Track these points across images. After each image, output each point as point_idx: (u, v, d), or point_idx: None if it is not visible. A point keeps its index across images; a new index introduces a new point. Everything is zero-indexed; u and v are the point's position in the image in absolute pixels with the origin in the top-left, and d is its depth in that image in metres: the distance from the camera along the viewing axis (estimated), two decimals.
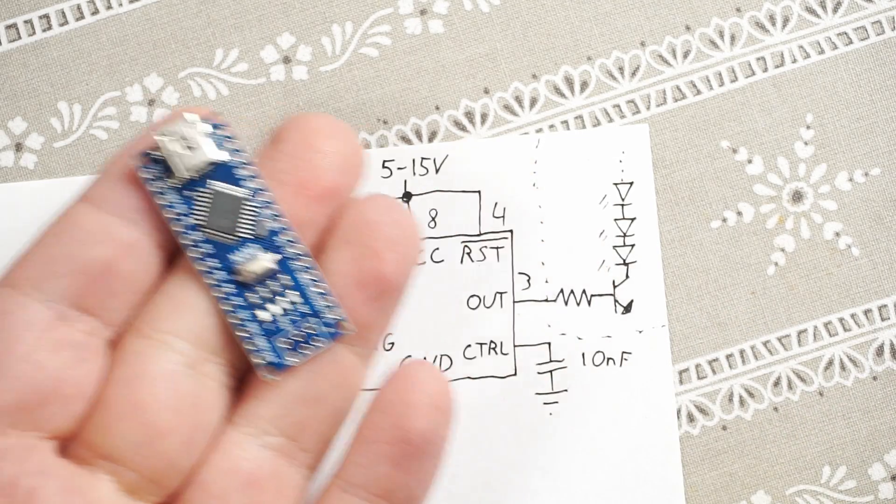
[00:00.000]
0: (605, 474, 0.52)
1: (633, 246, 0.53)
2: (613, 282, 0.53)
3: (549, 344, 0.53)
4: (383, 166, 0.53)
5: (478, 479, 0.52)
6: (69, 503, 0.39)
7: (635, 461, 0.52)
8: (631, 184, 0.53)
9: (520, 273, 0.53)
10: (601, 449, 0.52)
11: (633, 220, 0.53)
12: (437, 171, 0.53)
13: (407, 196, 0.53)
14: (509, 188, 0.53)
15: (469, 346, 0.53)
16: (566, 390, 0.53)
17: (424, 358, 0.53)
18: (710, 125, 0.54)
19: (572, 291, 0.53)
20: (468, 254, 0.53)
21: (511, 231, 0.53)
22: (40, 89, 0.54)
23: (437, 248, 0.53)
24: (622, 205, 0.53)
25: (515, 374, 0.53)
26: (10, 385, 0.39)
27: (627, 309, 0.53)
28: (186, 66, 0.54)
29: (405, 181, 0.53)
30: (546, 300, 0.53)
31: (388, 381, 0.43)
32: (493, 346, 0.53)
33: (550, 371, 0.53)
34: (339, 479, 0.43)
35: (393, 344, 0.53)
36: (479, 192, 0.53)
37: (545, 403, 0.52)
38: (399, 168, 0.53)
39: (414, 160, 0.53)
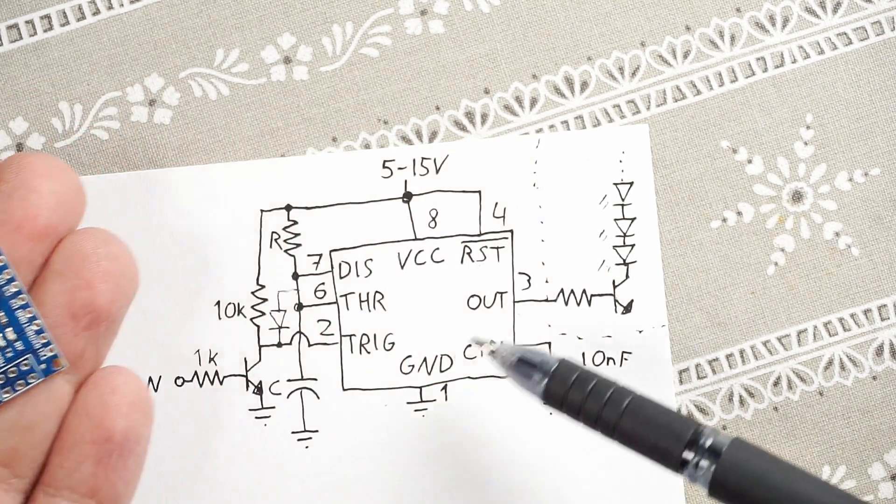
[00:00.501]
0: (605, 474, 0.52)
1: (633, 246, 0.53)
2: (613, 282, 0.53)
3: (550, 344, 0.53)
4: (384, 166, 0.53)
5: (478, 479, 0.52)
6: None
7: (635, 461, 0.52)
8: (631, 184, 0.53)
9: (520, 273, 0.53)
10: (601, 449, 0.52)
11: (633, 220, 0.53)
12: (437, 171, 0.53)
13: (407, 196, 0.53)
14: (509, 188, 0.53)
15: (469, 345, 0.53)
16: None
17: (424, 359, 0.53)
18: (709, 125, 0.54)
19: (572, 291, 0.53)
20: (468, 254, 0.53)
21: (511, 231, 0.53)
22: (41, 89, 0.54)
23: (438, 249, 0.53)
24: (622, 205, 0.53)
25: None
26: None
27: (627, 309, 0.53)
28: (187, 66, 0.54)
29: (405, 181, 0.53)
30: (546, 300, 0.53)
31: (86, 386, 0.46)
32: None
33: None
34: (43, 485, 0.46)
35: (393, 344, 0.53)
36: (479, 192, 0.53)
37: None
38: (399, 168, 0.53)
39: (414, 160, 0.53)
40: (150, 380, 0.52)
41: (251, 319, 0.53)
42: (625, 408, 0.44)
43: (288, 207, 0.53)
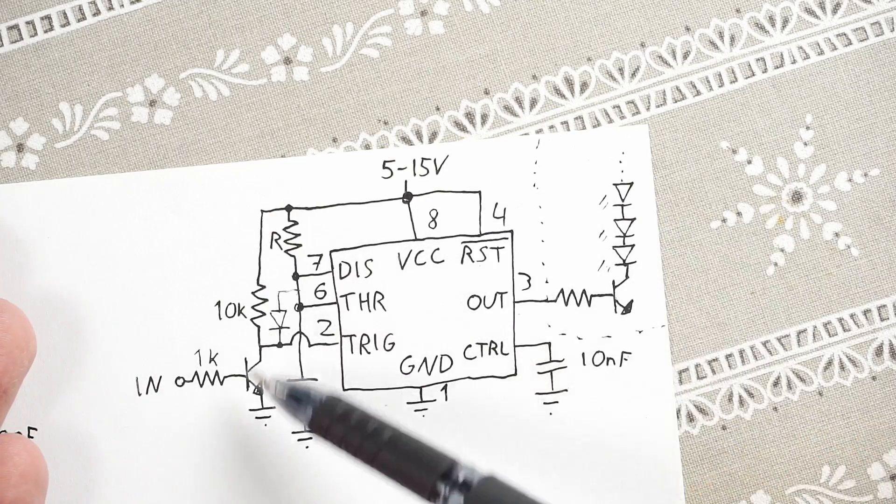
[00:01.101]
0: (605, 474, 0.52)
1: (632, 246, 0.53)
2: (613, 282, 0.53)
3: (549, 344, 0.53)
4: (384, 167, 0.53)
5: None
6: None
7: (635, 461, 0.52)
8: (631, 184, 0.53)
9: (520, 273, 0.53)
10: (601, 449, 0.52)
11: (632, 220, 0.53)
12: (437, 171, 0.53)
13: (407, 196, 0.53)
14: (509, 189, 0.53)
15: (469, 346, 0.53)
16: (566, 390, 0.53)
17: (424, 359, 0.53)
18: (709, 126, 0.54)
19: (572, 291, 0.53)
20: (468, 254, 0.53)
21: (511, 231, 0.53)
22: (42, 90, 0.54)
23: (438, 249, 0.53)
24: (622, 205, 0.53)
25: (515, 374, 0.53)
26: None
27: (627, 309, 0.53)
28: (187, 66, 0.54)
29: (406, 181, 0.53)
30: (546, 300, 0.53)
31: None
32: (493, 346, 0.53)
33: (550, 371, 0.53)
34: None
35: (393, 344, 0.53)
36: (479, 192, 0.53)
37: (545, 403, 0.53)
38: (400, 168, 0.53)
39: (414, 161, 0.53)
40: (151, 380, 0.52)
41: (251, 320, 0.53)
42: (385, 441, 0.47)
43: (288, 208, 0.53)
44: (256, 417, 0.53)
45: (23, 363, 0.48)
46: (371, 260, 0.53)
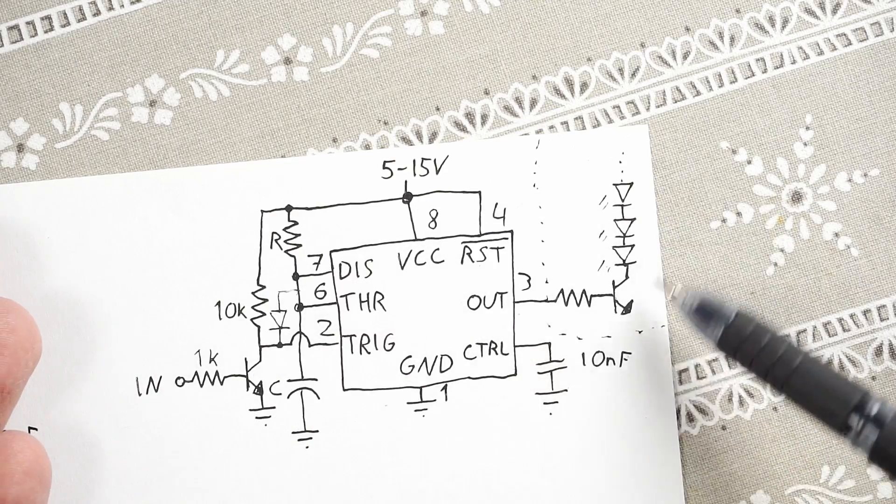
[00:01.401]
0: (605, 474, 0.52)
1: (632, 246, 0.53)
2: (613, 282, 0.53)
3: (549, 344, 0.53)
4: (384, 167, 0.53)
5: (478, 479, 0.52)
6: None
7: (635, 461, 0.52)
8: (631, 184, 0.53)
9: (520, 273, 0.53)
10: (601, 449, 0.52)
11: (632, 220, 0.53)
12: (437, 171, 0.53)
13: (407, 196, 0.53)
14: (509, 189, 0.53)
15: (469, 346, 0.53)
16: (566, 390, 0.53)
17: (424, 359, 0.53)
18: (709, 126, 0.54)
19: (572, 292, 0.53)
20: (468, 254, 0.53)
21: (511, 231, 0.53)
22: (42, 90, 0.54)
23: (438, 249, 0.53)
24: (622, 205, 0.53)
25: (515, 374, 0.53)
26: None
27: (627, 309, 0.53)
28: (188, 67, 0.54)
29: (406, 182, 0.53)
30: (546, 300, 0.53)
31: None
32: (493, 346, 0.53)
33: (550, 371, 0.53)
34: None
35: (393, 344, 0.53)
36: (479, 192, 0.53)
37: (545, 403, 0.53)
38: (400, 169, 0.53)
39: (414, 161, 0.53)
40: (151, 380, 0.52)
41: (251, 320, 0.53)
42: (796, 367, 0.46)
43: (288, 208, 0.53)
44: (257, 417, 0.53)
45: (27, 364, 0.49)
46: (371, 260, 0.53)
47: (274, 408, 0.53)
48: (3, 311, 0.48)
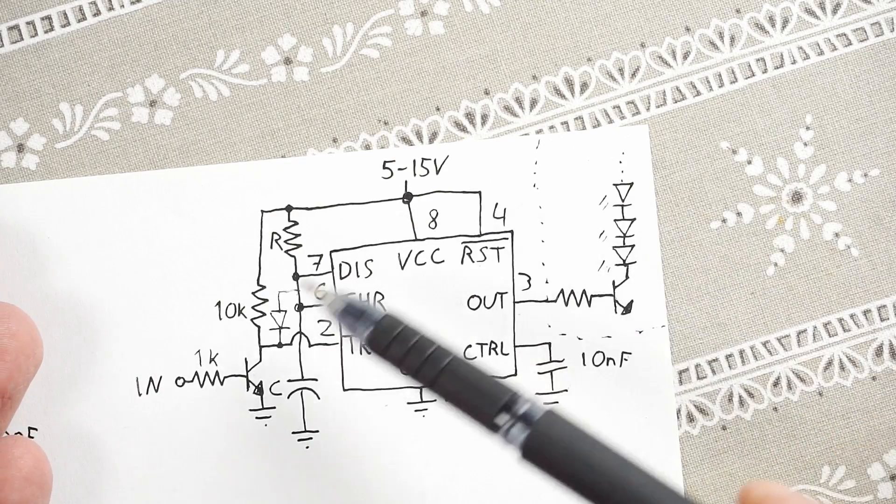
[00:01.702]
0: None
1: (632, 246, 0.53)
2: (613, 282, 0.53)
3: (550, 344, 0.53)
4: (384, 167, 0.53)
5: (478, 479, 0.52)
6: None
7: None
8: (631, 184, 0.53)
9: (520, 273, 0.53)
10: None
11: (632, 220, 0.53)
12: (437, 171, 0.53)
13: (407, 197, 0.53)
14: (510, 189, 0.53)
15: (469, 346, 0.53)
16: (566, 390, 0.53)
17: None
18: (709, 126, 0.54)
19: (572, 292, 0.53)
20: (469, 254, 0.53)
21: (511, 232, 0.53)
22: (42, 90, 0.54)
23: (438, 249, 0.53)
24: (622, 205, 0.53)
25: (515, 374, 0.53)
26: None
27: (627, 309, 0.53)
28: (188, 67, 0.54)
29: (406, 182, 0.53)
30: (546, 300, 0.53)
31: None
32: (493, 346, 0.53)
33: (550, 371, 0.53)
34: None
35: None
36: (479, 192, 0.53)
37: (545, 403, 0.53)
38: (400, 169, 0.53)
39: (415, 161, 0.53)
40: (151, 380, 0.52)
41: (252, 320, 0.53)
42: (444, 367, 0.46)
43: (288, 208, 0.53)
44: (257, 418, 0.53)
45: (28, 370, 0.48)
46: (371, 260, 0.53)
47: (274, 408, 0.53)
48: (5, 316, 0.48)
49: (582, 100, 0.54)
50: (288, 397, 0.53)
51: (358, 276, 0.53)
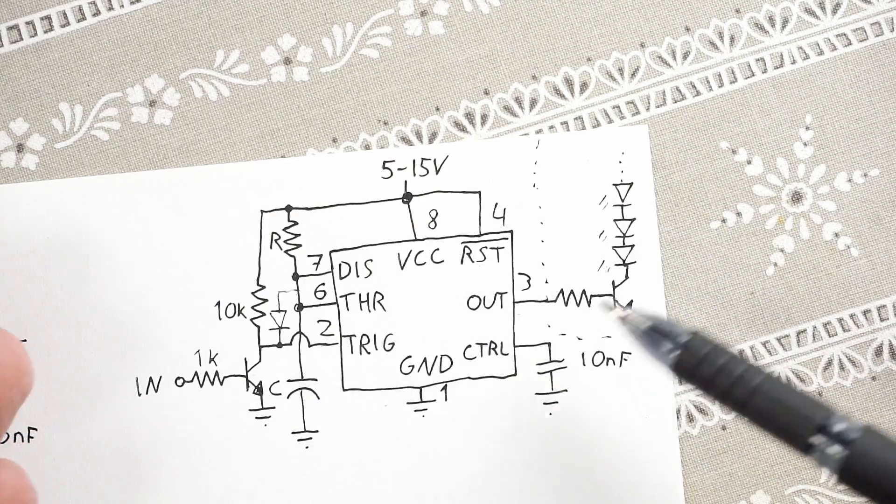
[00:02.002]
0: (605, 474, 0.52)
1: (632, 246, 0.53)
2: (613, 282, 0.53)
3: (549, 344, 0.53)
4: (384, 167, 0.53)
5: (478, 479, 0.52)
6: None
7: (635, 461, 0.52)
8: (630, 184, 0.53)
9: (520, 273, 0.53)
10: (601, 449, 0.52)
11: (632, 220, 0.53)
12: (437, 171, 0.53)
13: (407, 197, 0.53)
14: (509, 189, 0.53)
15: (469, 346, 0.53)
16: (566, 390, 0.53)
17: (424, 359, 0.53)
18: (709, 126, 0.54)
19: (572, 292, 0.53)
20: (468, 254, 0.53)
21: (511, 232, 0.53)
22: (42, 90, 0.54)
23: (438, 249, 0.53)
24: (622, 205, 0.53)
25: (515, 374, 0.53)
26: None
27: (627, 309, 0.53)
28: (187, 67, 0.54)
29: (405, 182, 0.53)
30: (546, 300, 0.53)
31: None
32: (493, 346, 0.53)
33: (550, 371, 0.53)
34: None
35: (393, 344, 0.53)
36: (479, 192, 0.53)
37: (545, 403, 0.53)
38: (399, 169, 0.53)
39: (414, 161, 0.53)
40: (151, 380, 0.52)
41: (251, 320, 0.53)
42: (755, 386, 0.44)
43: (288, 208, 0.53)
44: (256, 417, 0.53)
45: (12, 400, 0.47)
46: (371, 260, 0.53)
47: (274, 408, 0.53)
48: None
49: (582, 100, 0.54)
50: (288, 397, 0.53)
51: (358, 276, 0.53)
